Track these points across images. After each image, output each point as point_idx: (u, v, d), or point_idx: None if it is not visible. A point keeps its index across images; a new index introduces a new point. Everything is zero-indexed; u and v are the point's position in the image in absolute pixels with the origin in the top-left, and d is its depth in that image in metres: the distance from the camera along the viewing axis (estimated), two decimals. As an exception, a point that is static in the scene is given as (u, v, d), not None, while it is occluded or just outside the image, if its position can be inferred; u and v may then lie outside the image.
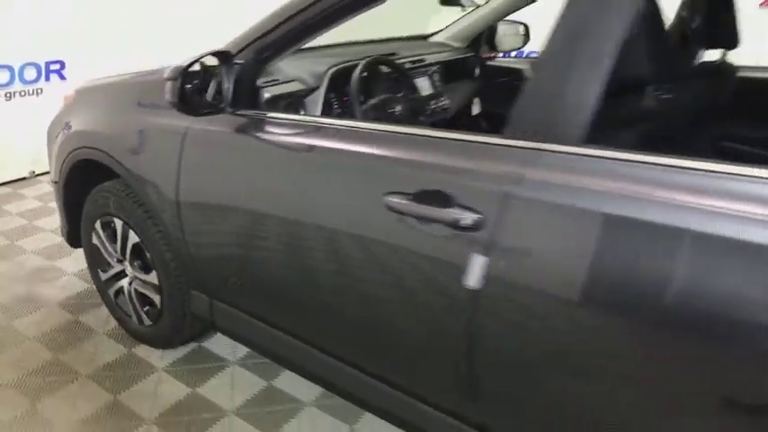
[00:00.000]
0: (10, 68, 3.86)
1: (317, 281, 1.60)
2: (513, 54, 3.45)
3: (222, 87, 1.62)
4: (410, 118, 2.03)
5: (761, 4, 3.88)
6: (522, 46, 2.93)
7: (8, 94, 3.90)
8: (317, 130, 1.60)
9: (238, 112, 1.69)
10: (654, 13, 1.46)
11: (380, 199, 1.33)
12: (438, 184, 1.26)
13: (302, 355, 1.75)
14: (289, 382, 2.16)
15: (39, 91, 4.04)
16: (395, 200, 1.31)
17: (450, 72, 2.58)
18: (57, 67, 4.09)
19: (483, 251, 1.19)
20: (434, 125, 2.19)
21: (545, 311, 1.18)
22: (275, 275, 1.73)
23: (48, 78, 4.07)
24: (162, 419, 1.99)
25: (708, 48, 2.02)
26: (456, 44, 2.77)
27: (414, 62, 2.37)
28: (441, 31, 2.85)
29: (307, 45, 1.74)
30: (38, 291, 2.75)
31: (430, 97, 2.34)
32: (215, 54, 1.60)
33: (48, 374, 2.19)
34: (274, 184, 1.65)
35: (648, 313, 1.05)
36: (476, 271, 1.20)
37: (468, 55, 2.73)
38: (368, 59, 2.00)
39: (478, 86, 2.75)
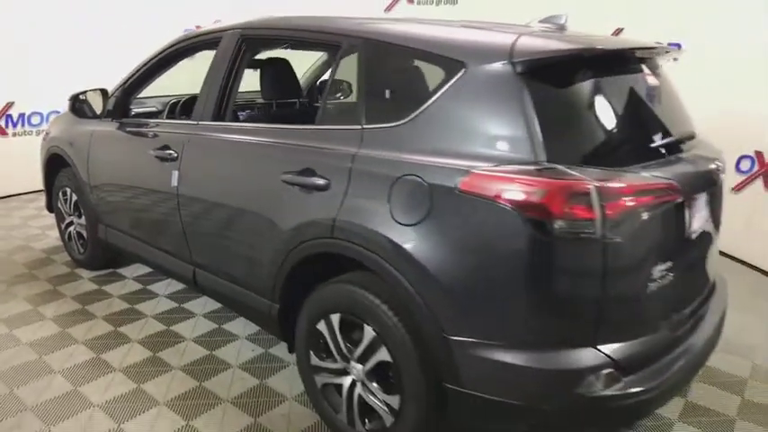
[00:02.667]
0: (41, 114, 5.71)
1: (144, 206, 3.11)
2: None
3: (105, 106, 3.22)
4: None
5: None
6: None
7: (38, 132, 5.71)
8: (163, 125, 3.11)
9: (115, 120, 3.27)
10: (282, 72, 2.95)
11: (149, 152, 2.86)
12: (168, 142, 2.78)
13: (140, 249, 3.24)
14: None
15: (60, 130, 5.84)
16: (151, 152, 2.83)
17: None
18: (74, 114, 5.90)
19: (176, 169, 2.69)
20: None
21: (201, 196, 2.65)
22: (129, 207, 3.25)
23: (67, 122, 5.87)
24: (78, 297, 3.51)
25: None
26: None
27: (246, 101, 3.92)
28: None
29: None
30: (31, 244, 4.39)
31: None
32: (99, 89, 3.21)
33: (23, 278, 3.77)
34: (132, 157, 3.19)
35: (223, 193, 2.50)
36: (174, 179, 2.71)
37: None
38: (187, 97, 3.59)
39: None
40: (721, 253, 4.47)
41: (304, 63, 4.02)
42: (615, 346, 1.73)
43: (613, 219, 1.62)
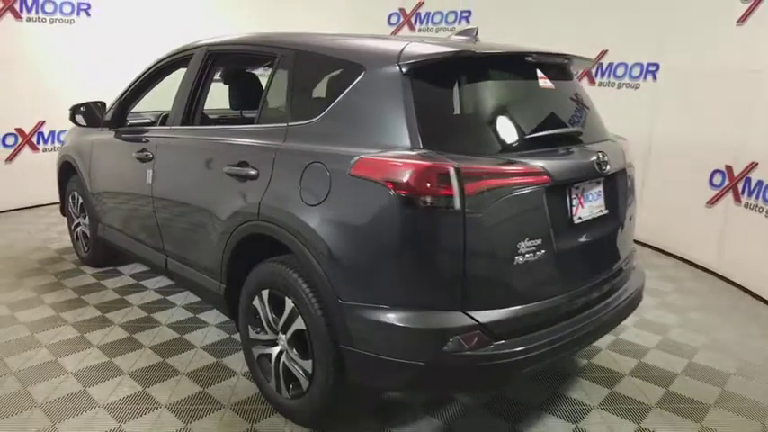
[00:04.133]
0: (70, 132, 6.26)
1: (134, 206, 3.48)
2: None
3: (102, 116, 3.64)
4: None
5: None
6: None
7: (68, 148, 6.27)
8: (147, 132, 3.51)
9: (112, 128, 3.69)
10: (249, 80, 3.28)
11: (133, 155, 3.24)
12: (146, 145, 3.16)
13: (128, 243, 3.61)
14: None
15: (87, 147, 6.40)
16: (134, 154, 3.22)
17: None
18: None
19: (151, 168, 3.06)
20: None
21: (167, 189, 2.99)
22: (120, 205, 3.64)
23: (94, 139, 6.43)
24: (77, 288, 3.90)
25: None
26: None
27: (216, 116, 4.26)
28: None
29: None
30: (47, 245, 4.86)
31: None
32: (98, 102, 3.64)
33: (34, 273, 4.20)
34: (121, 160, 3.59)
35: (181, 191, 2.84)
36: (149, 176, 3.07)
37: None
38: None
39: None
40: (695, 265, 4.59)
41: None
42: (487, 312, 1.94)
43: (472, 196, 1.85)
